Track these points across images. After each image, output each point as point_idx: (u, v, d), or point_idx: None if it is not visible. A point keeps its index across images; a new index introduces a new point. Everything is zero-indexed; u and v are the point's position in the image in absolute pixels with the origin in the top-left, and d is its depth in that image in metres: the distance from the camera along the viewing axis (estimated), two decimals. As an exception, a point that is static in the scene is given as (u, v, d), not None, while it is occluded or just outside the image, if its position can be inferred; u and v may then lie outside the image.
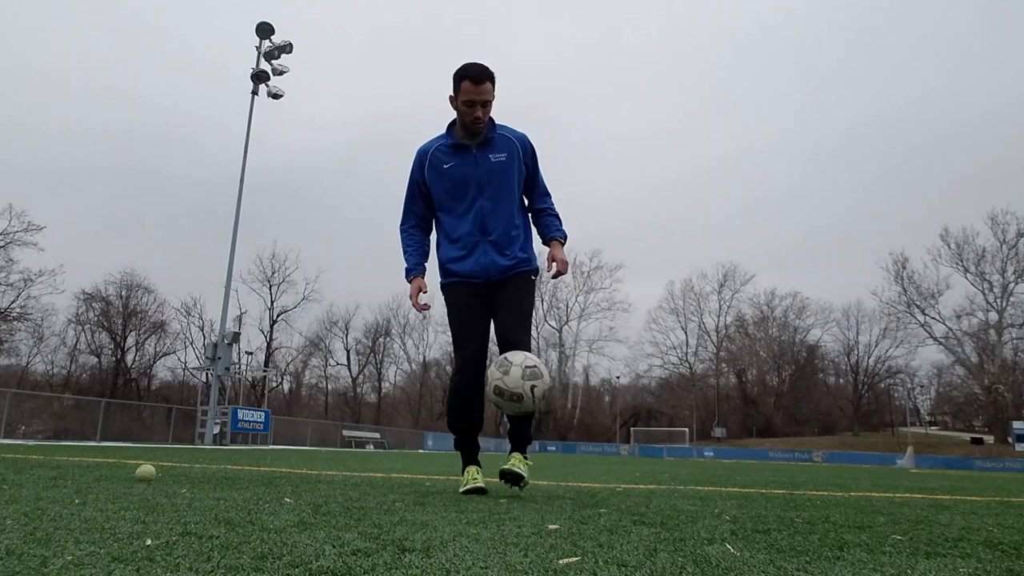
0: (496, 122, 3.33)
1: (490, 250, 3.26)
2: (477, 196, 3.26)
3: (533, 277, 3.36)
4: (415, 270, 3.36)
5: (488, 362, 3.24)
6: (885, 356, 66.19)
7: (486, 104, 3.16)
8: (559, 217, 3.45)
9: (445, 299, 3.37)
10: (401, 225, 3.46)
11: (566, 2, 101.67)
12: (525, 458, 3.36)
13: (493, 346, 3.33)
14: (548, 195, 3.48)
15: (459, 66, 3.17)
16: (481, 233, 3.26)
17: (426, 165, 3.33)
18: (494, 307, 3.30)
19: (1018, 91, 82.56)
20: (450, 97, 3.19)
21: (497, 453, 21.37)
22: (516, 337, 3.20)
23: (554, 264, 3.25)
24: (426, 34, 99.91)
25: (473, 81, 3.11)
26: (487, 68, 3.17)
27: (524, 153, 3.34)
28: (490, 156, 3.26)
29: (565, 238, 3.40)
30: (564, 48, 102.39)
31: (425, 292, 3.33)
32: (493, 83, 3.18)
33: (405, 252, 3.41)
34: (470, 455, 3.39)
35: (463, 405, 3.31)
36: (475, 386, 3.24)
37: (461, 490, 3.21)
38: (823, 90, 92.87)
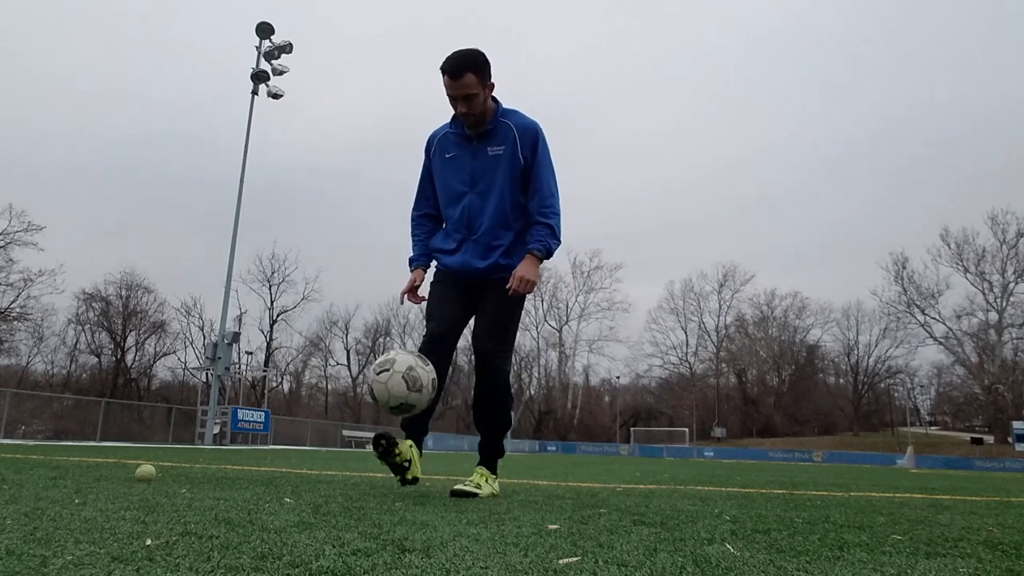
0: (504, 108, 3.05)
1: (471, 250, 3.06)
2: (467, 191, 3.05)
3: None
4: (418, 260, 3.21)
5: (453, 348, 3.09)
6: (885, 356, 66.43)
7: (468, 99, 2.88)
8: (551, 225, 2.97)
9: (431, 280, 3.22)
10: (412, 211, 3.30)
11: (570, 2, 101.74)
12: (494, 473, 3.15)
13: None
14: (550, 196, 3.00)
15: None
16: (467, 231, 3.07)
17: (433, 150, 3.18)
18: (476, 311, 3.12)
19: (1019, 93, 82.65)
20: None
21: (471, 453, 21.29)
22: (488, 347, 3.04)
23: (513, 279, 2.89)
24: (428, 34, 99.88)
25: (450, 76, 2.85)
26: (468, 58, 2.86)
27: (522, 143, 2.98)
28: (488, 149, 3.01)
29: (544, 252, 2.95)
30: (568, 48, 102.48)
31: (419, 284, 3.17)
32: (479, 72, 2.87)
33: (412, 239, 3.27)
34: (410, 431, 3.08)
35: None
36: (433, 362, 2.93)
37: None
38: (824, 92, 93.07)
